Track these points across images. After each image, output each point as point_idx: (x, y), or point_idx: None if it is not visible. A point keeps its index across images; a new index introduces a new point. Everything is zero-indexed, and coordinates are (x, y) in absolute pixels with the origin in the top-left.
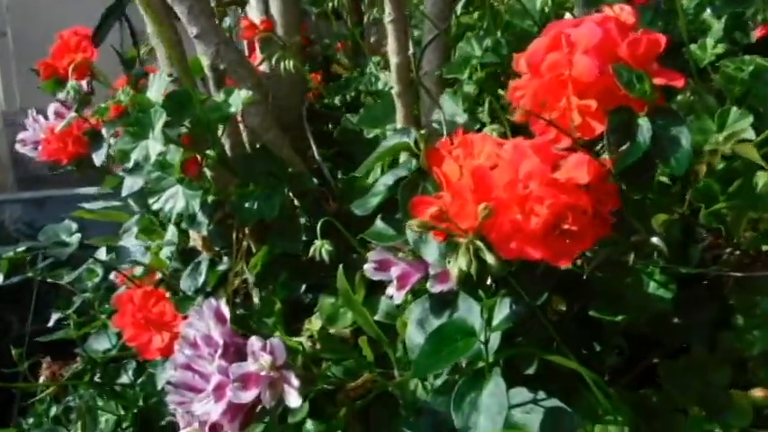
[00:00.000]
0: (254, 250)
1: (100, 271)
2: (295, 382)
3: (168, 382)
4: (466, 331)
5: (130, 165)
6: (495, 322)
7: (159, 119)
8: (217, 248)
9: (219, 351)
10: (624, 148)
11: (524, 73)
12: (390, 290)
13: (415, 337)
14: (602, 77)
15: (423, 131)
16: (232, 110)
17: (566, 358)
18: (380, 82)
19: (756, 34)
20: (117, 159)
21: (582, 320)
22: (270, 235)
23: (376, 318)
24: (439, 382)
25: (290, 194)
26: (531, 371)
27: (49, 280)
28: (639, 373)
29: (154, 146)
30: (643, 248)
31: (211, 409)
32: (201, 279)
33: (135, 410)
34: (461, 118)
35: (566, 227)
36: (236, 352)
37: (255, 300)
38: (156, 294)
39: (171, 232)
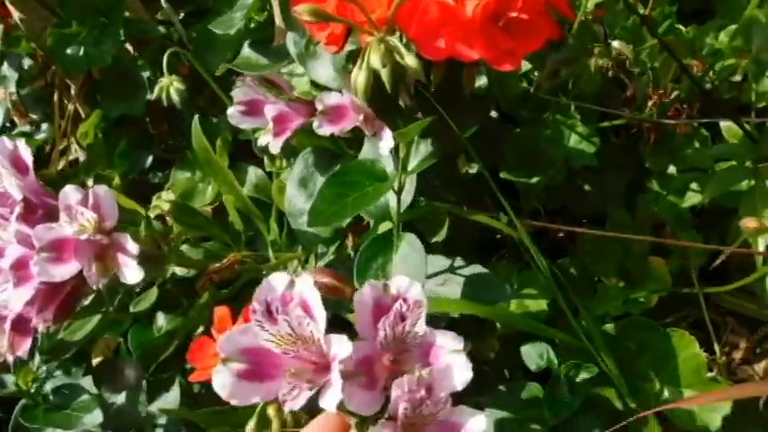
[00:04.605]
0: (82, 116)
1: None
2: (132, 248)
3: None
4: (375, 175)
5: None
6: (411, 165)
7: None
8: (34, 116)
9: (18, 210)
10: None
11: None
12: (264, 138)
13: (295, 199)
14: None
15: None
16: None
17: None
18: None
19: None
20: None
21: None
22: (103, 94)
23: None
24: (326, 259)
25: (129, 46)
26: (440, 237)
27: None
28: (554, 243)
29: None
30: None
31: (12, 297)
32: None
33: None
34: None
35: (513, 14)
36: (46, 215)
37: (89, 182)
38: None
39: None
